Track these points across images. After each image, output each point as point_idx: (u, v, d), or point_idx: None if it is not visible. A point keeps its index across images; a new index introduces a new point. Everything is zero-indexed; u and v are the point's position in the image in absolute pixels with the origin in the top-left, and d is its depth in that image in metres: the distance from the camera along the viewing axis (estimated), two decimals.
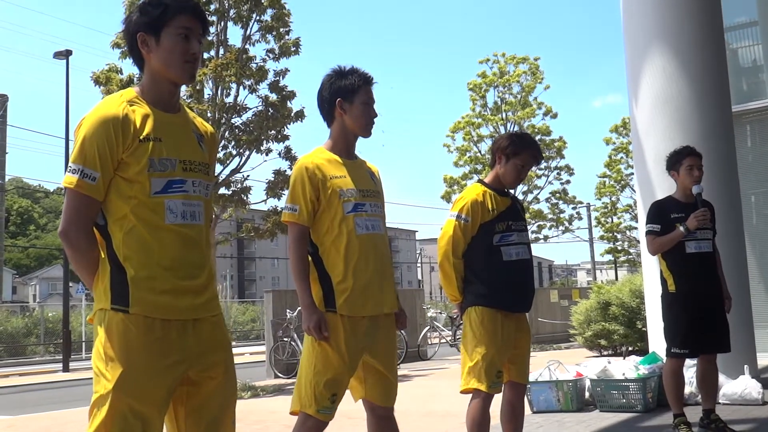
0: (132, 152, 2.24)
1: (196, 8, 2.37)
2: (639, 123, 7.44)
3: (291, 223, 3.17)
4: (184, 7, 2.33)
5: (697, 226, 4.83)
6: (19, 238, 72.88)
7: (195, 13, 2.35)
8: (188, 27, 2.32)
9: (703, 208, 4.85)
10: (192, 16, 2.34)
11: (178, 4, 2.33)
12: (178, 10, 2.31)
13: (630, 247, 35.22)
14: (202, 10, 2.41)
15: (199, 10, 2.38)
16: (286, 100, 12.01)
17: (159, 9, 2.31)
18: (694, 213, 4.83)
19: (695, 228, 4.84)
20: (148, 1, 2.35)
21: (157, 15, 2.31)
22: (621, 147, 32.90)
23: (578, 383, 6.51)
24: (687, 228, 4.83)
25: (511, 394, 3.96)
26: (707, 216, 4.84)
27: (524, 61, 26.05)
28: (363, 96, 3.25)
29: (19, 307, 35.47)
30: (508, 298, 3.84)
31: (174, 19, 2.31)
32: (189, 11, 2.33)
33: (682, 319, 4.90)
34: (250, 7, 11.86)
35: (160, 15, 2.31)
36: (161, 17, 2.30)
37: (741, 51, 10.67)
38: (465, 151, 25.28)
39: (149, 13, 2.32)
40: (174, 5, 2.32)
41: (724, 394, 6.13)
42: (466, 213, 3.85)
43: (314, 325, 3.06)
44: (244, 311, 40.41)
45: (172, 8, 2.31)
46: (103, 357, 2.19)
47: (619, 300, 12.51)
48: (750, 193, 9.69)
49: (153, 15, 2.31)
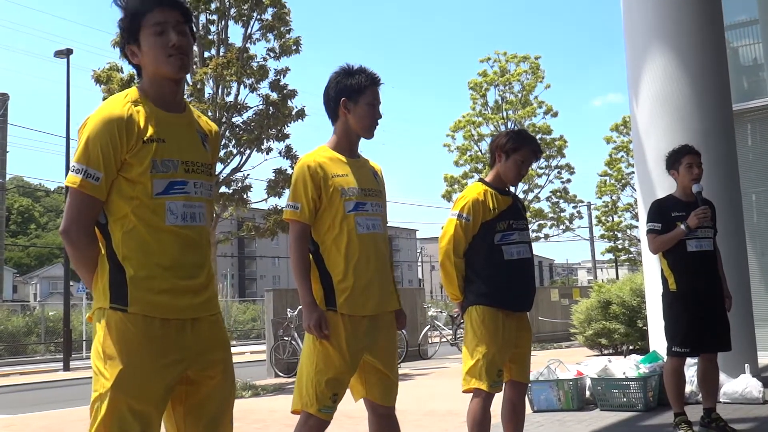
0: (135, 153, 2.24)
1: (162, 1, 2.32)
2: (639, 122, 7.44)
3: (292, 220, 3.17)
4: (149, 4, 2.30)
5: (697, 224, 4.83)
6: (20, 237, 72.93)
7: (161, 5, 2.31)
8: (159, 22, 2.29)
9: (704, 206, 4.85)
10: (159, 10, 2.30)
11: (141, 4, 2.31)
12: (144, 10, 2.30)
13: (631, 246, 35.23)
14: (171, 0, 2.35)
15: (166, 1, 2.33)
16: (286, 98, 12.01)
17: (128, 17, 2.32)
18: (695, 211, 4.83)
19: (696, 226, 4.84)
20: (122, 7, 2.35)
21: (128, 23, 2.32)
22: (621, 146, 32.90)
23: (579, 382, 6.50)
24: (688, 226, 4.83)
25: (512, 393, 3.96)
26: (708, 214, 4.84)
27: (525, 60, 26.03)
28: (369, 97, 3.23)
29: (20, 306, 35.47)
30: (509, 297, 3.84)
31: (143, 20, 2.30)
32: (154, 6, 2.30)
33: (683, 317, 4.90)
34: (250, 6, 11.86)
35: (131, 22, 2.31)
36: (132, 24, 2.31)
37: (741, 49, 10.67)
38: (465, 150, 25.27)
39: (123, 25, 2.34)
40: (138, 8, 2.30)
41: (724, 392, 6.12)
42: (468, 212, 3.84)
43: (314, 323, 3.06)
44: (244, 310, 40.41)
45: (139, 11, 2.30)
46: (101, 356, 2.19)
47: (620, 299, 12.51)
48: (750, 192, 9.68)
49: (126, 25, 2.33)
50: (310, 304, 3.11)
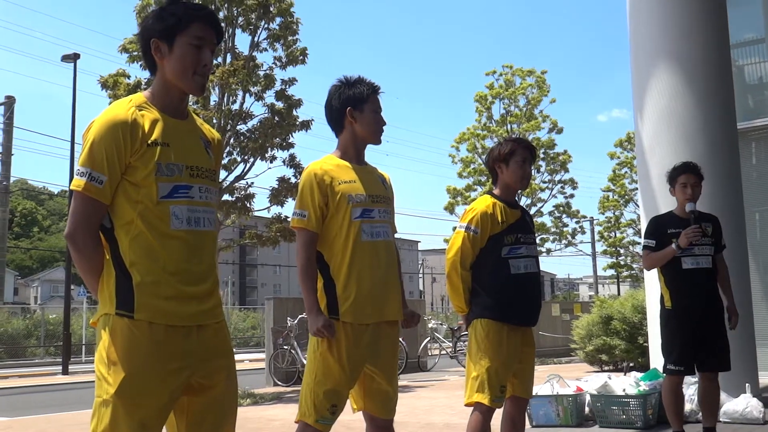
0: (140, 156, 2.24)
1: (211, 17, 2.38)
2: (644, 138, 7.44)
3: (300, 228, 3.17)
4: (199, 16, 2.34)
5: (687, 243, 4.79)
6: (23, 239, 73.04)
7: (209, 22, 2.36)
8: (201, 36, 2.33)
9: (695, 225, 4.80)
10: (206, 25, 2.34)
11: (194, 12, 2.34)
12: (193, 18, 2.32)
13: (633, 262, 35.17)
14: (217, 19, 2.42)
15: (214, 19, 2.38)
16: (292, 108, 12.03)
17: (175, 17, 2.32)
18: (685, 230, 4.78)
19: (686, 245, 4.81)
20: (164, 8, 2.36)
21: (173, 23, 2.32)
22: (625, 161, 32.94)
23: (578, 398, 6.48)
24: (678, 245, 4.80)
25: (513, 409, 3.94)
26: (699, 233, 4.79)
27: (531, 74, 26.11)
28: (372, 104, 3.28)
29: (20, 309, 35.44)
30: (514, 312, 3.81)
31: (188, 28, 2.32)
32: (204, 20, 2.34)
33: (678, 335, 4.87)
34: (258, 15, 11.91)
35: (176, 23, 2.32)
36: (176, 25, 2.32)
37: (747, 68, 10.68)
38: (469, 162, 25.32)
39: (165, 20, 2.33)
40: (189, 14, 2.33)
41: (725, 412, 6.10)
42: (476, 224, 3.83)
43: (322, 325, 3.05)
44: (244, 318, 40.40)
45: (187, 17, 2.32)
46: (105, 362, 2.18)
47: (621, 315, 12.47)
48: (754, 211, 9.67)
49: (168, 22, 2.32)
50: (317, 309, 3.10)
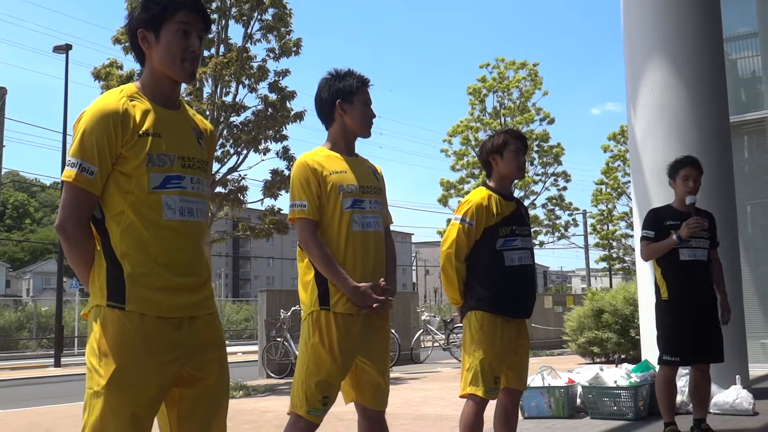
0: (131, 147, 2.23)
1: (196, 3, 2.36)
2: (637, 131, 7.46)
3: (301, 219, 3.14)
4: (185, 3, 2.33)
5: (689, 234, 4.82)
6: (14, 231, 72.74)
7: (195, 8, 2.35)
8: (187, 22, 2.32)
9: (696, 217, 4.84)
10: (191, 12, 2.33)
11: (179, 0, 2.32)
12: (178, 6, 2.31)
13: (625, 255, 35.31)
14: (203, 5, 2.41)
15: (200, 5, 2.37)
16: (285, 100, 12.01)
17: (159, 6, 2.31)
18: (686, 221, 4.82)
19: (687, 236, 4.83)
20: None
21: (158, 11, 2.31)
22: (618, 155, 33.00)
23: (570, 390, 6.51)
24: (679, 236, 4.83)
25: (507, 400, 3.95)
26: (700, 224, 4.83)
27: (524, 67, 26.13)
28: (362, 96, 3.28)
29: (12, 301, 35.39)
30: (509, 304, 3.82)
31: (174, 16, 2.31)
32: (189, 7, 2.33)
33: (674, 326, 4.90)
34: (251, 6, 11.87)
35: (161, 11, 2.31)
36: (161, 13, 2.31)
37: (740, 62, 10.70)
38: (462, 155, 25.34)
39: (150, 10, 2.32)
40: (174, 2, 2.31)
41: (715, 403, 6.13)
42: (471, 216, 3.83)
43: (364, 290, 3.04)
44: (237, 310, 40.39)
45: (172, 5, 2.31)
46: (96, 353, 2.18)
47: (613, 307, 12.53)
48: (746, 204, 9.71)
49: (153, 11, 2.31)
50: (352, 286, 3.06)
